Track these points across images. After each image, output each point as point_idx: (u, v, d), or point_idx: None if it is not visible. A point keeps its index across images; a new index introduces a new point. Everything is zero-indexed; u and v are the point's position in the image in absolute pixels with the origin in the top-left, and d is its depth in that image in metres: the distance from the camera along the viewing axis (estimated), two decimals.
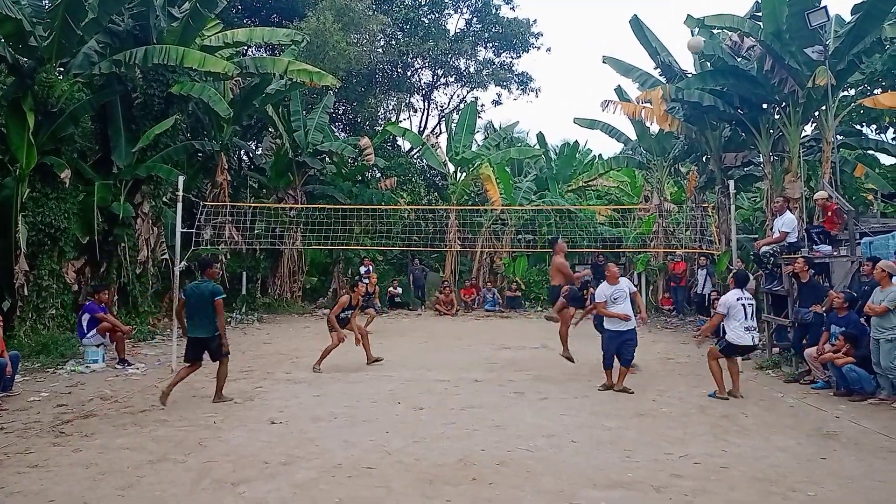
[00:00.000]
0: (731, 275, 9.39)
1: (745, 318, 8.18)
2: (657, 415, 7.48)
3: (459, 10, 28.39)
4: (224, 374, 8.12)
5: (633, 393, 8.43)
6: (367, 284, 15.09)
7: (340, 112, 26.64)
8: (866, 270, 8.93)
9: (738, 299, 8.26)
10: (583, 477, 5.39)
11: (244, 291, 19.06)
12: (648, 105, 16.13)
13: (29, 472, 5.48)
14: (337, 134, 23.90)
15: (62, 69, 12.69)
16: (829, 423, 7.12)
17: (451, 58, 26.93)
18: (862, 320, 8.51)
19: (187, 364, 8.05)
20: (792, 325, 9.91)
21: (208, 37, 15.33)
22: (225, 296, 8.10)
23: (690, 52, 14.99)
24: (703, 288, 16.24)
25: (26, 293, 11.45)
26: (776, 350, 10.88)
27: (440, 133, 28.99)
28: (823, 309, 9.15)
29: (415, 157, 25.86)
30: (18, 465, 5.65)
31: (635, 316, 8.69)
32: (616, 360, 8.65)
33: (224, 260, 17.64)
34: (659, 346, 12.79)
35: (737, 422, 7.16)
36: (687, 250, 16.96)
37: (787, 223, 10.52)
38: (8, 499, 4.88)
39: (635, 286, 9.43)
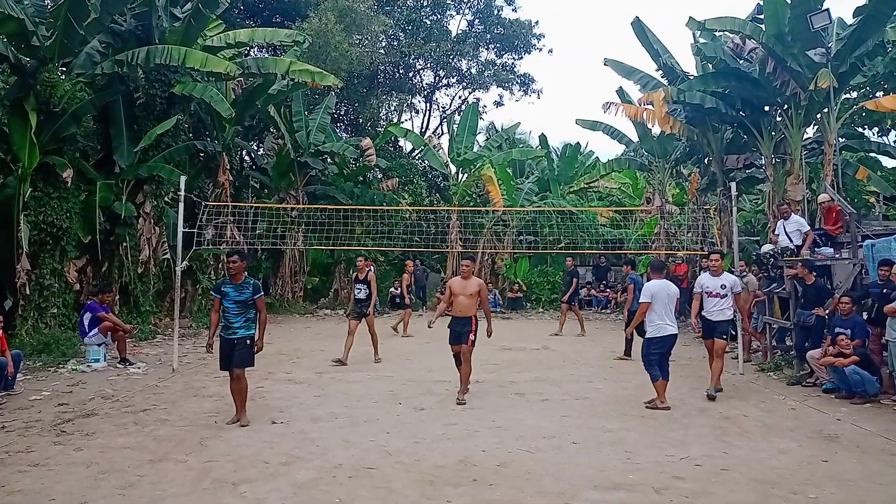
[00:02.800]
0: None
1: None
2: (658, 416, 7.47)
3: (461, 12, 28.43)
4: (236, 389, 7.03)
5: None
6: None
7: (342, 113, 26.65)
8: (882, 274, 8.89)
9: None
10: (583, 478, 5.39)
11: None
12: (650, 107, 16.15)
13: (30, 470, 5.48)
14: (339, 134, 23.90)
15: (64, 69, 12.70)
16: (830, 425, 7.11)
17: (452, 59, 26.94)
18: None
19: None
20: (793, 328, 9.89)
21: (210, 37, 15.33)
22: (214, 294, 7.23)
23: None
24: None
25: (28, 292, 11.47)
26: (777, 352, 10.87)
27: (442, 134, 29.01)
28: (826, 312, 9.12)
29: (416, 157, 25.86)
30: (19, 463, 5.65)
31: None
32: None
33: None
34: None
35: (738, 424, 7.15)
36: (688, 252, 16.95)
37: (802, 223, 10.69)
38: (9, 497, 4.89)
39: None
